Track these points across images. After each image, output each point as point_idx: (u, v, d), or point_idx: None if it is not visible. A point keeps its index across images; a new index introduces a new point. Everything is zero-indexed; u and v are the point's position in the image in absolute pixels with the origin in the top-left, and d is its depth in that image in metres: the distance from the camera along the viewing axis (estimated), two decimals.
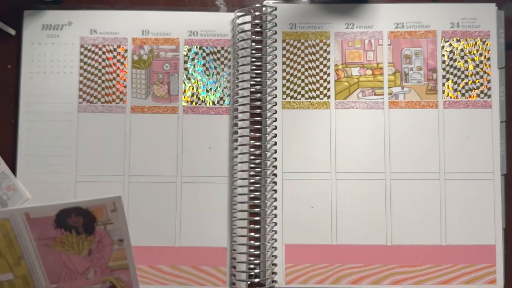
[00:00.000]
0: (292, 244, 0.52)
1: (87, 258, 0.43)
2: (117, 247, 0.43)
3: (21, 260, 0.43)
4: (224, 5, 0.55)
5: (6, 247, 0.42)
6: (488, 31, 0.54)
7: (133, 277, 0.45)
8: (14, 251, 0.43)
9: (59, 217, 0.42)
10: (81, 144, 0.53)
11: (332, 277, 0.52)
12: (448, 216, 0.52)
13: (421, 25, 0.54)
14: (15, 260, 0.43)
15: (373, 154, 0.53)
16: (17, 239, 0.42)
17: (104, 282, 0.44)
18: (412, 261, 0.52)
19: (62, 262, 0.43)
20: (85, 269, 0.44)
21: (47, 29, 0.54)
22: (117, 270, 0.44)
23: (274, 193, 0.52)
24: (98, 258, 0.44)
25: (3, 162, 0.52)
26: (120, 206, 0.42)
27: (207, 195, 0.52)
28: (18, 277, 0.43)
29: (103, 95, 0.53)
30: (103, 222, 0.43)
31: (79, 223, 0.42)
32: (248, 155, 0.52)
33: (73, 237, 0.43)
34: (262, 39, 0.54)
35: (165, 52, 0.54)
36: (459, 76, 0.54)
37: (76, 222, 0.42)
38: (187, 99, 0.54)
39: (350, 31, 0.54)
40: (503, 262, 0.52)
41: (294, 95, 0.54)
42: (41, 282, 0.44)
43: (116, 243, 0.43)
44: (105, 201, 0.42)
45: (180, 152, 0.53)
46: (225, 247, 0.52)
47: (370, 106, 0.53)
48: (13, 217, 0.42)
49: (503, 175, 0.53)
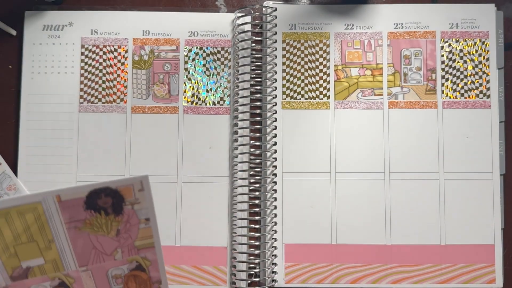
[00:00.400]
0: (291, 243, 0.52)
1: (115, 238, 0.44)
2: (144, 226, 0.44)
3: (52, 244, 0.43)
4: (224, 6, 0.55)
5: (37, 231, 0.42)
6: (487, 32, 0.54)
7: (159, 255, 0.45)
8: (46, 235, 0.43)
9: (89, 198, 0.42)
10: (81, 144, 0.53)
11: (331, 276, 0.52)
12: (447, 216, 0.52)
13: (420, 26, 0.54)
14: (46, 244, 0.43)
15: (372, 154, 0.53)
16: (49, 222, 0.42)
17: (131, 262, 0.45)
18: (411, 261, 0.52)
19: (91, 244, 0.44)
20: (113, 250, 0.44)
21: (48, 29, 0.54)
22: (144, 249, 0.45)
23: (274, 193, 0.52)
24: (125, 238, 0.44)
25: (4, 162, 0.52)
26: (147, 185, 0.42)
27: (207, 195, 0.53)
28: (49, 261, 0.44)
29: (103, 95, 0.54)
30: (130, 202, 0.43)
31: (108, 204, 0.43)
32: (248, 155, 0.53)
33: (102, 218, 0.43)
34: (262, 40, 0.54)
35: (166, 53, 0.54)
36: (458, 76, 0.54)
37: (105, 203, 0.42)
38: (187, 99, 0.54)
39: (350, 31, 0.54)
40: (502, 261, 0.52)
41: (294, 95, 0.54)
42: (71, 266, 0.44)
43: (142, 222, 0.43)
44: (133, 180, 0.42)
45: (180, 152, 0.53)
46: (225, 247, 0.52)
47: (370, 106, 0.54)
48: (45, 200, 0.41)
49: (502, 175, 0.53)
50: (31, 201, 0.42)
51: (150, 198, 0.43)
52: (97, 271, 0.45)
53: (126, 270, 0.45)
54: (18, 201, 0.41)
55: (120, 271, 0.45)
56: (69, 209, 0.42)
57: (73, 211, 0.42)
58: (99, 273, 0.45)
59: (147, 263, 0.45)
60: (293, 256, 0.52)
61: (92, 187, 0.42)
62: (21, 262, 0.43)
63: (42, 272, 0.44)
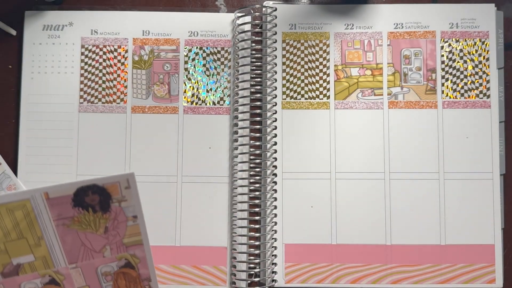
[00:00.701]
0: (292, 243, 0.52)
1: (103, 235, 0.44)
2: (131, 223, 0.44)
3: (41, 240, 0.43)
4: (224, 6, 0.55)
5: (27, 227, 0.43)
6: (487, 32, 0.54)
7: (147, 252, 0.45)
8: (35, 232, 0.43)
9: (76, 195, 0.42)
10: (81, 144, 0.53)
11: (331, 276, 0.52)
12: (447, 216, 0.52)
13: (420, 26, 0.54)
14: (35, 241, 0.43)
15: (372, 154, 0.53)
16: (37, 219, 0.43)
17: (120, 260, 0.45)
18: (411, 261, 0.52)
19: (80, 241, 0.44)
20: (102, 247, 0.45)
21: (48, 29, 0.54)
22: (132, 246, 0.45)
23: (274, 193, 0.52)
24: (114, 235, 0.44)
25: (4, 162, 0.52)
26: (133, 183, 0.43)
27: (207, 195, 0.53)
28: (38, 258, 0.44)
29: (103, 95, 0.54)
30: (117, 200, 0.43)
31: (95, 201, 0.43)
32: (248, 155, 0.53)
33: (90, 216, 0.43)
34: (262, 40, 0.54)
35: (166, 53, 0.54)
36: (458, 76, 0.54)
37: (93, 200, 0.43)
38: (187, 99, 0.54)
39: (350, 31, 0.54)
40: (502, 261, 0.52)
41: (294, 95, 0.54)
42: (60, 263, 0.44)
43: (130, 220, 0.44)
44: (119, 178, 0.42)
45: (180, 152, 0.53)
46: (225, 247, 0.52)
47: (370, 106, 0.54)
48: (34, 197, 0.42)
49: (502, 175, 0.53)
50: (19, 199, 0.42)
51: (137, 196, 0.43)
52: (86, 268, 0.45)
53: (115, 267, 0.45)
54: (7, 198, 0.42)
55: (109, 268, 0.45)
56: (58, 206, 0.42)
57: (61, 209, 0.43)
58: (88, 270, 0.45)
59: (136, 261, 0.45)
60: (293, 256, 0.52)
61: (79, 185, 0.42)
62: (12, 259, 0.44)
63: (32, 269, 0.44)
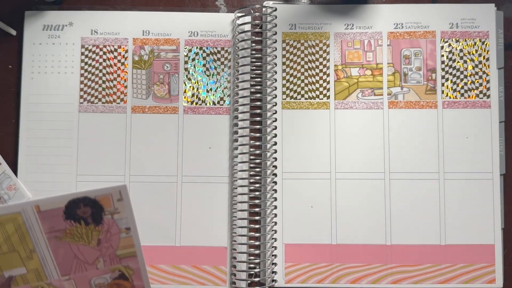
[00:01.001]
0: (292, 243, 0.52)
1: (96, 248, 0.44)
2: (125, 235, 0.44)
3: (33, 253, 0.43)
4: (224, 6, 0.55)
5: (18, 241, 0.43)
6: (487, 32, 0.54)
7: (141, 264, 0.45)
8: (26, 245, 0.43)
9: (68, 208, 0.42)
10: (81, 144, 0.53)
11: (331, 276, 0.52)
12: (447, 216, 0.52)
13: (420, 26, 0.54)
14: (27, 254, 0.43)
15: (372, 154, 0.53)
16: (29, 232, 0.43)
17: (113, 271, 0.45)
18: (411, 261, 0.52)
19: (73, 253, 0.44)
20: (95, 259, 0.44)
21: (48, 29, 0.54)
22: (126, 258, 0.45)
23: (274, 193, 0.52)
24: (107, 247, 0.44)
25: (4, 162, 0.52)
26: (126, 195, 0.43)
27: (207, 195, 0.53)
28: (31, 270, 0.44)
29: (103, 95, 0.54)
30: (110, 212, 0.43)
31: (87, 214, 0.43)
32: (248, 155, 0.53)
33: (82, 228, 0.43)
34: (262, 40, 0.54)
35: (166, 53, 0.54)
36: (458, 76, 0.54)
37: (85, 213, 0.43)
38: (187, 99, 0.54)
39: (350, 31, 0.54)
40: (502, 261, 0.52)
41: (294, 95, 0.54)
42: (53, 275, 0.44)
43: (123, 232, 0.44)
44: (111, 190, 0.42)
45: (180, 152, 0.53)
46: (225, 247, 0.52)
47: (370, 106, 0.54)
48: (25, 210, 0.42)
49: (502, 175, 0.53)
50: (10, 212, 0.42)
51: (130, 208, 0.43)
52: (80, 280, 0.45)
53: (109, 279, 0.45)
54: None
55: (103, 280, 0.45)
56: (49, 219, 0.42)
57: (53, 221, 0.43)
58: (82, 282, 0.45)
59: (130, 272, 0.45)
60: (293, 256, 0.52)
61: (70, 197, 0.42)
62: (3, 272, 0.44)
63: (25, 281, 0.44)
